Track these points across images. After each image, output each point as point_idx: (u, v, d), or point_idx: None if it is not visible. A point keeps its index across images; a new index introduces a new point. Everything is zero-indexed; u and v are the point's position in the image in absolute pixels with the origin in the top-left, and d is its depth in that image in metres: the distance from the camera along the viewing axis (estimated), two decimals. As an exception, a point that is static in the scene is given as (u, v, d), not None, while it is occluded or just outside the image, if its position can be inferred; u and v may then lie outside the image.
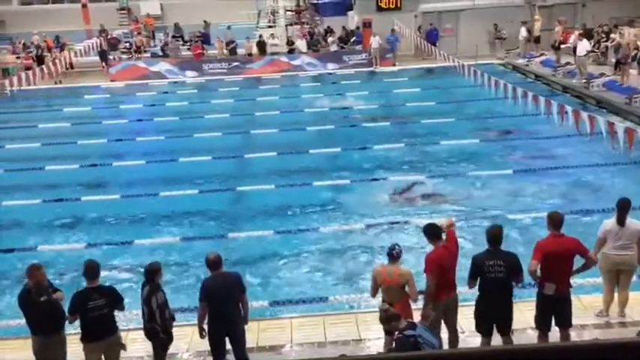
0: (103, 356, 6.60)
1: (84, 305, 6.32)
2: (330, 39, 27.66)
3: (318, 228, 11.29)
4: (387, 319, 5.33)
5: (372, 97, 21.61)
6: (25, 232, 11.76)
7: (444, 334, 6.82)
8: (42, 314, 6.35)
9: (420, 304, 6.76)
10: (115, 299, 6.51)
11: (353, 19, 29.22)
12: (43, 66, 25.58)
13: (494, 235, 6.53)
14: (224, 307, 6.58)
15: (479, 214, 11.64)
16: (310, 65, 26.76)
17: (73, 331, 6.80)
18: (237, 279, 6.75)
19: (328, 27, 29.00)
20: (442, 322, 6.80)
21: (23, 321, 6.71)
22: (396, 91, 22.09)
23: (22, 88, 23.78)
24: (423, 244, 7.33)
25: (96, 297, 6.33)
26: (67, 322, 6.52)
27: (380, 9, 27.94)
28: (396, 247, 6.68)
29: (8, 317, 8.37)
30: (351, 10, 29.89)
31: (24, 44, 29.17)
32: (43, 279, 6.46)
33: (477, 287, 6.67)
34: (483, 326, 6.76)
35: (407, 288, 6.57)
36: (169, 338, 6.80)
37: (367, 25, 27.49)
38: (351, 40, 27.78)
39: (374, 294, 6.84)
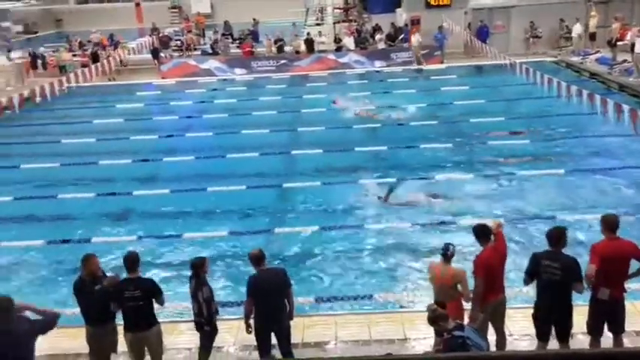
0: (145, 348, 6.75)
1: (120, 295, 6.47)
2: (377, 36, 27.51)
3: (363, 225, 11.29)
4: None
5: (419, 95, 21.39)
6: (80, 224, 12.14)
7: (492, 336, 6.71)
8: (95, 304, 6.55)
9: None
10: (152, 292, 6.57)
11: (401, 17, 28.98)
12: (98, 63, 26.36)
13: (553, 236, 6.38)
14: (270, 303, 6.64)
15: (529, 214, 11.39)
16: (357, 63, 26.68)
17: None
18: (283, 275, 6.80)
19: (376, 24, 28.85)
20: (489, 324, 6.68)
21: (77, 310, 6.93)
22: (444, 89, 21.80)
23: (78, 84, 24.57)
24: (473, 244, 7.21)
25: (131, 288, 6.45)
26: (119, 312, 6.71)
27: (429, 6, 27.62)
28: (450, 246, 6.62)
29: (64, 306, 8.65)
30: (400, 7, 29.66)
31: (80, 42, 30.13)
32: (97, 269, 6.66)
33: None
34: (538, 329, 6.61)
35: (459, 288, 6.50)
36: (214, 330, 6.90)
37: (415, 22, 27.22)
38: (399, 37, 27.57)
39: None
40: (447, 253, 6.57)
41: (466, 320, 6.23)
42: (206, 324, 6.78)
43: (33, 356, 5.44)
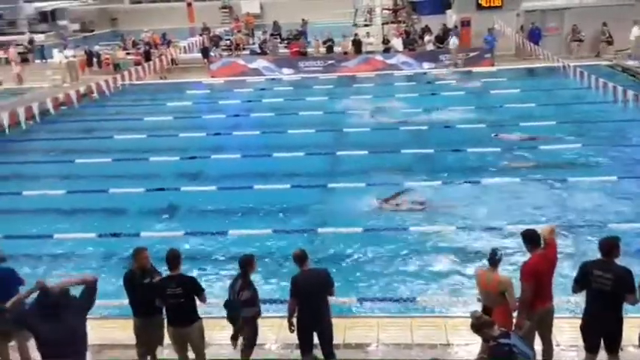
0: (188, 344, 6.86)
1: (163, 292, 6.59)
2: (426, 38, 27.26)
3: (407, 227, 11.20)
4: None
5: (468, 97, 21.09)
6: (130, 218, 12.48)
7: (538, 345, 6.56)
8: (143, 296, 6.71)
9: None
10: (193, 289, 6.63)
11: (451, 18, 28.63)
12: (151, 62, 27.01)
13: (605, 246, 6.19)
14: (312, 303, 6.65)
15: (578, 222, 11.09)
16: (405, 64, 26.49)
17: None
18: (326, 275, 6.81)
19: (425, 26, 28.59)
20: (536, 332, 6.53)
21: (126, 301, 7.11)
22: (494, 92, 21.43)
23: (131, 82, 25.24)
24: (521, 250, 7.07)
25: (173, 285, 6.54)
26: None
27: (480, 7, 27.20)
28: (498, 252, 6.51)
29: (113, 297, 8.90)
30: (450, 8, 29.30)
31: (134, 41, 30.92)
32: (147, 262, 6.81)
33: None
34: (587, 341, 6.42)
35: (506, 295, 6.39)
36: (253, 333, 6.94)
37: (466, 23, 26.85)
38: (448, 39, 27.23)
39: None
40: (494, 258, 6.46)
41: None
42: (238, 323, 6.83)
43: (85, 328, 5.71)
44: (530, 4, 27.05)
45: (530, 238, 6.44)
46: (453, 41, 25.69)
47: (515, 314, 6.42)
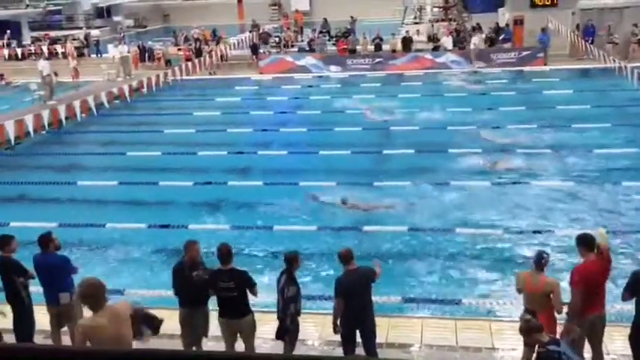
0: (238, 335, 6.97)
1: (215, 284, 6.71)
2: (477, 37, 26.80)
3: (454, 229, 11.06)
4: (528, 331, 5.10)
5: (519, 97, 20.66)
6: (178, 210, 12.73)
7: (587, 353, 6.39)
8: (190, 288, 6.85)
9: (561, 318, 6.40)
10: (245, 283, 6.73)
11: (503, 16, 28.09)
12: (201, 58, 27.46)
13: None
14: (356, 303, 6.65)
15: (629, 229, 10.72)
16: (455, 63, 26.14)
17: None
18: (370, 274, 6.80)
19: (476, 24, 28.14)
20: (586, 340, 6.36)
21: (172, 292, 7.25)
22: (546, 93, 20.93)
23: (181, 77, 25.73)
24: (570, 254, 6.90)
25: (226, 279, 6.65)
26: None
27: (534, 5, 26.60)
28: (544, 254, 6.38)
29: (161, 286, 9.12)
30: (502, 6, 28.75)
31: (185, 37, 31.51)
32: (197, 255, 6.95)
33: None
34: (636, 351, 6.22)
35: (552, 297, 6.25)
36: (295, 329, 6.97)
37: (518, 22, 26.31)
38: (500, 37, 26.74)
39: (518, 292, 6.62)
40: (540, 261, 6.33)
41: (559, 332, 5.97)
42: (286, 321, 6.87)
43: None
44: (587, 2, 26.27)
45: (584, 242, 6.27)
46: (474, 41, 25.22)
47: (559, 317, 6.29)
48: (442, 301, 8.64)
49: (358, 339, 6.87)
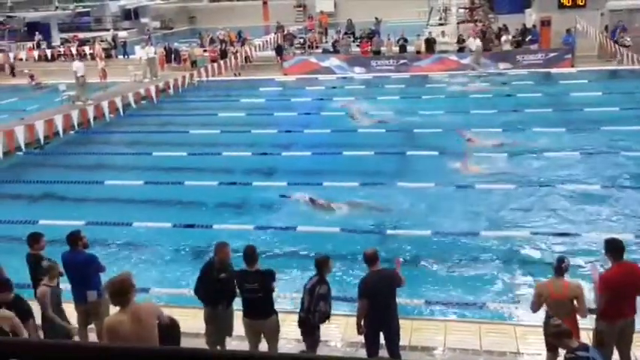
0: (262, 335, 7.01)
1: (241, 285, 6.79)
2: (503, 37, 26.56)
3: (479, 232, 10.98)
4: (558, 335, 5.03)
5: (545, 99, 20.41)
6: (203, 210, 12.85)
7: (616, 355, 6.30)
8: (217, 289, 6.91)
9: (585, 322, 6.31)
10: (270, 284, 6.78)
11: (530, 17, 27.77)
12: (226, 59, 27.67)
13: None
14: (380, 304, 6.64)
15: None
16: (480, 65, 25.89)
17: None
18: (394, 276, 6.79)
19: (503, 25, 27.87)
20: (614, 347, 6.27)
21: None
22: (574, 95, 20.64)
23: (207, 79, 25.96)
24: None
25: (251, 280, 6.71)
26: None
27: (561, 6, 26.23)
28: (565, 259, 6.31)
29: (184, 286, 9.22)
30: (529, 7, 28.43)
31: (210, 38, 31.77)
32: (227, 257, 7.00)
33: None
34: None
35: (575, 303, 6.17)
36: (317, 328, 6.98)
37: (546, 23, 25.98)
38: (527, 39, 26.44)
39: (536, 309, 6.52)
40: (561, 266, 6.26)
41: (582, 337, 5.88)
42: (310, 319, 6.88)
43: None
44: (616, 2, 25.84)
45: (613, 247, 6.19)
46: (470, 45, 25.15)
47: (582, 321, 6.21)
48: (466, 304, 8.57)
49: (382, 341, 6.87)
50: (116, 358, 1.77)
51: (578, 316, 6.22)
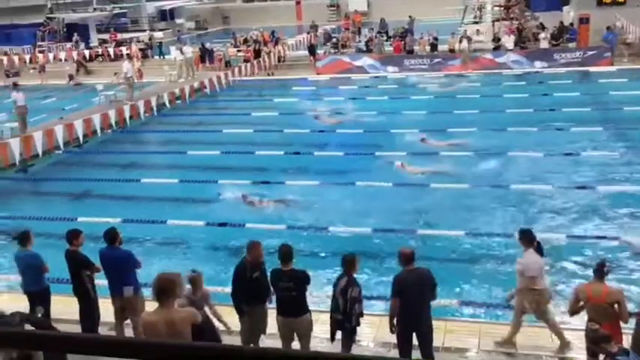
0: (295, 333, 7.03)
1: (275, 283, 6.83)
2: (542, 35, 26.07)
3: (512, 234, 10.79)
4: (596, 340, 4.93)
5: (583, 98, 19.98)
6: (236, 208, 12.94)
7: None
8: (250, 288, 6.96)
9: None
10: (304, 284, 6.81)
11: (568, 14, 27.22)
12: (260, 59, 27.83)
13: None
14: (414, 303, 6.59)
15: None
16: (516, 63, 25.50)
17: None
18: (429, 275, 6.73)
19: (540, 23, 27.38)
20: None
21: (228, 289, 7.37)
22: (613, 94, 20.15)
23: (240, 78, 26.16)
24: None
25: (285, 279, 6.74)
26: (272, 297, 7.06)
27: (600, 3, 25.64)
28: (606, 263, 6.17)
29: (217, 284, 9.29)
30: (567, 4, 27.87)
31: (244, 39, 32.00)
32: (260, 256, 7.05)
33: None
34: None
35: (616, 307, 6.02)
36: (353, 330, 6.95)
37: (584, 20, 25.43)
38: (564, 37, 25.93)
39: (572, 312, 6.38)
40: (601, 269, 6.12)
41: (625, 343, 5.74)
42: (346, 322, 6.86)
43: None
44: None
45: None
46: (462, 46, 25.49)
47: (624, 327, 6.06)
48: (501, 306, 8.43)
49: (414, 341, 6.81)
50: (152, 353, 1.79)
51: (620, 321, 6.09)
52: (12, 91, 18.76)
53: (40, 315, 6.69)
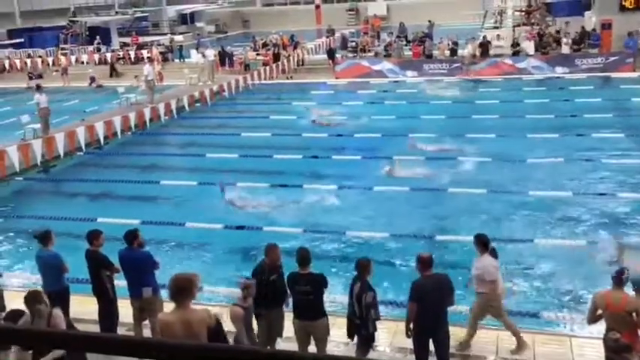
0: (311, 337, 7.04)
1: (292, 286, 6.84)
2: (563, 40, 25.82)
3: (533, 240, 10.72)
4: (617, 350, 4.86)
5: (605, 104, 19.75)
6: (253, 212, 12.99)
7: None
8: (268, 291, 6.97)
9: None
10: (322, 287, 6.82)
11: (590, 20, 26.94)
12: (278, 62, 27.95)
13: None
14: (432, 309, 6.56)
15: None
16: (536, 68, 25.30)
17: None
18: (448, 281, 6.69)
19: (561, 28, 27.14)
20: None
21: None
22: (635, 100, 19.90)
23: (260, 82, 26.29)
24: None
25: (302, 283, 6.76)
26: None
27: (623, 9, 25.33)
28: (625, 270, 6.08)
29: (235, 286, 9.32)
30: (589, 9, 27.59)
31: (263, 42, 32.17)
32: (278, 258, 7.08)
33: None
34: None
35: (634, 316, 5.94)
36: (370, 336, 6.93)
37: (606, 26, 25.15)
38: (586, 42, 25.66)
39: (591, 321, 6.30)
40: (620, 277, 6.04)
41: None
42: (363, 328, 6.85)
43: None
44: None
45: (482, 242, 6.08)
46: (469, 50, 25.61)
47: None
48: (520, 314, 8.36)
49: (431, 347, 6.78)
50: (169, 353, 1.81)
51: None
52: (35, 93, 19.08)
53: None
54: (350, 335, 7.02)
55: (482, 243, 7.27)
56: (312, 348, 7.07)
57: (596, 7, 26.77)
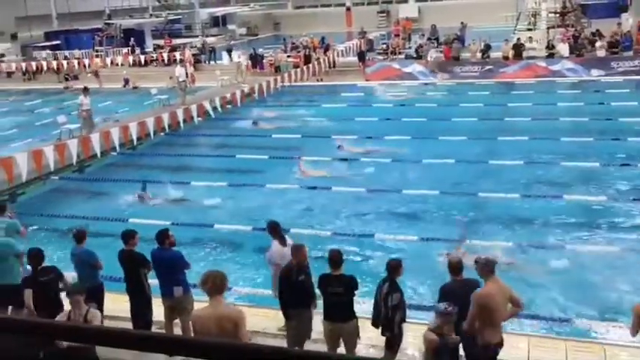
0: (341, 339, 7.04)
1: (324, 289, 6.86)
2: (598, 43, 25.32)
3: (563, 245, 10.55)
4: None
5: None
6: (280, 214, 13.00)
7: None
8: (296, 291, 7.02)
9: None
10: (353, 289, 6.83)
11: (627, 22, 26.37)
12: (309, 65, 28.02)
13: None
14: (459, 312, 6.50)
15: None
16: (571, 71, 24.87)
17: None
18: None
19: (596, 30, 26.63)
20: None
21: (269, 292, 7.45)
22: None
23: (290, 84, 26.41)
24: None
25: (335, 284, 6.77)
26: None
27: (662, 10, 24.76)
28: None
29: (262, 287, 9.41)
30: (626, 11, 27.01)
31: (294, 44, 32.30)
32: (305, 259, 7.12)
33: None
34: None
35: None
36: (394, 338, 6.90)
37: (644, 27, 24.61)
38: (622, 44, 25.13)
39: (635, 332, 6.16)
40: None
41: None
42: (388, 330, 6.84)
43: None
44: None
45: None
46: (431, 54, 25.79)
47: None
48: (551, 319, 8.23)
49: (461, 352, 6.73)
50: (200, 350, 1.84)
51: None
52: (81, 94, 19.62)
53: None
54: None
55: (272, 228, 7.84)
56: (340, 350, 7.08)
57: (632, 8, 26.21)
